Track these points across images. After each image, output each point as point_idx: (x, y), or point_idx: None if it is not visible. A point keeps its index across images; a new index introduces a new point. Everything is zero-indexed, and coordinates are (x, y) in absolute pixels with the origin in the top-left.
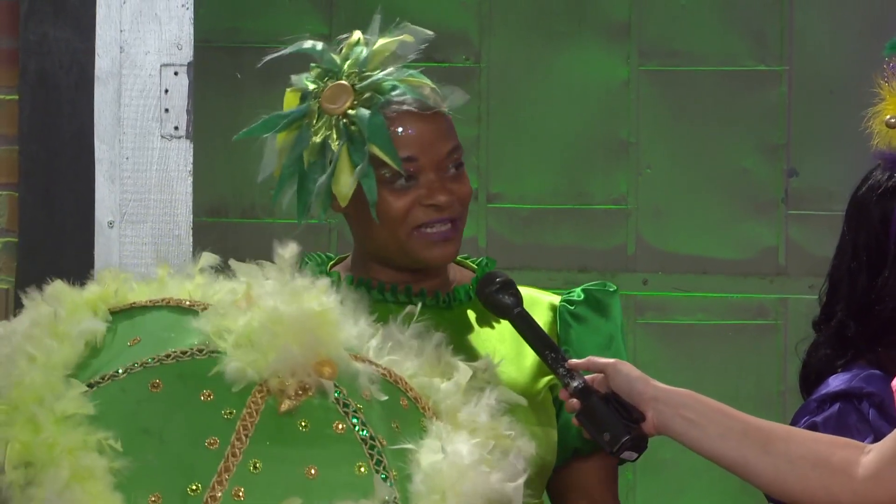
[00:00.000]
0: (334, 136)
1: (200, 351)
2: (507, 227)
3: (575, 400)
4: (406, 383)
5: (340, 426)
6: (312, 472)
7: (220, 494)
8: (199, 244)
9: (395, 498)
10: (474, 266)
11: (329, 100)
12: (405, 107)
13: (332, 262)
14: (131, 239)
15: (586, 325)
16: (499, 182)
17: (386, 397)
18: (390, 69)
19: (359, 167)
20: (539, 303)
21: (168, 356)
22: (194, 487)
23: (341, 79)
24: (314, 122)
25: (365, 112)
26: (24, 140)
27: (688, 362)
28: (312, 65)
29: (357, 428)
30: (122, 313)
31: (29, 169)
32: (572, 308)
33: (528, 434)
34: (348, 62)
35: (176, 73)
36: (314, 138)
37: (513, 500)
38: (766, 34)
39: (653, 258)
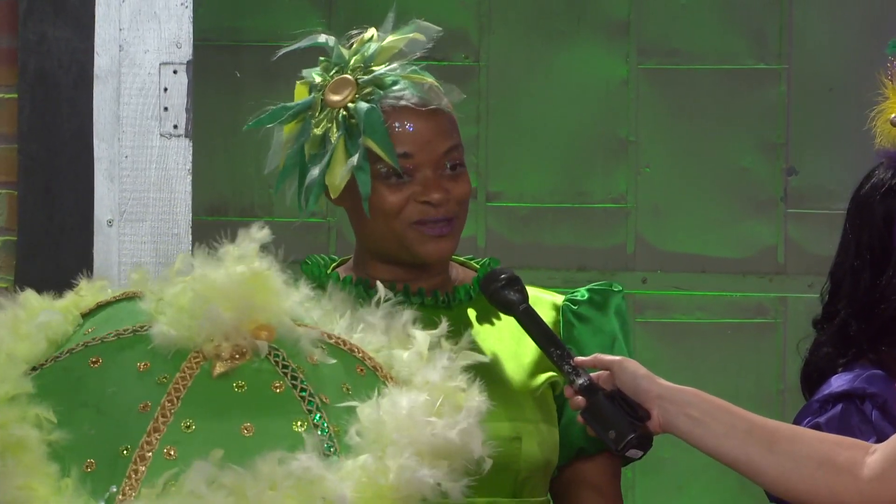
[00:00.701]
0: (335, 128)
1: (142, 328)
2: (507, 226)
3: (580, 397)
4: (364, 352)
5: (278, 385)
6: (247, 429)
7: (149, 454)
8: (199, 243)
9: (334, 450)
10: (477, 266)
11: (332, 92)
12: (403, 102)
13: (334, 264)
14: (130, 237)
15: (589, 324)
16: (498, 181)
17: (334, 361)
18: (394, 65)
19: (352, 159)
20: (542, 302)
21: (110, 334)
22: (124, 449)
23: (347, 72)
24: (317, 114)
25: (363, 105)
26: (24, 139)
27: (687, 361)
28: (322, 58)
29: (296, 387)
30: (89, 314)
31: (28, 167)
32: (576, 308)
33: (531, 441)
34: (356, 57)
35: (175, 72)
36: (315, 130)
37: (461, 447)
38: (766, 33)
39: (652, 257)
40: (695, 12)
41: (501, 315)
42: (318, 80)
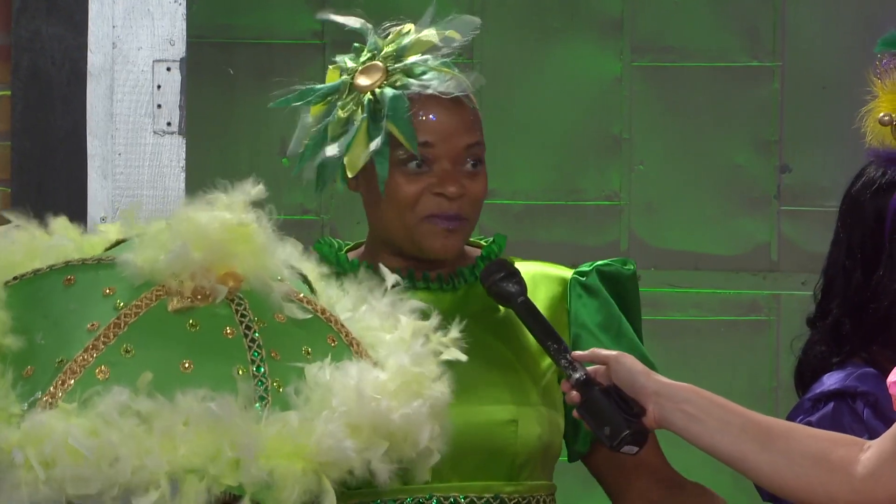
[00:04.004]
0: (359, 111)
1: None
2: (500, 224)
3: (575, 392)
4: (343, 326)
5: (230, 331)
6: (186, 365)
7: (81, 369)
8: None
9: (266, 403)
10: (483, 244)
11: (361, 76)
12: (430, 91)
13: (347, 248)
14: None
15: (595, 298)
16: (491, 178)
17: (304, 317)
18: (425, 56)
19: (373, 142)
20: (550, 277)
21: (92, 258)
22: (60, 360)
23: (379, 60)
24: (344, 96)
25: (389, 91)
26: (17, 136)
27: (680, 358)
28: (356, 45)
29: (247, 336)
30: (110, 248)
31: (21, 165)
32: (583, 279)
33: (531, 426)
34: (390, 46)
35: (168, 69)
36: (340, 112)
37: (402, 432)
38: (759, 30)
39: (645, 254)
40: (688, 9)
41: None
42: (350, 64)
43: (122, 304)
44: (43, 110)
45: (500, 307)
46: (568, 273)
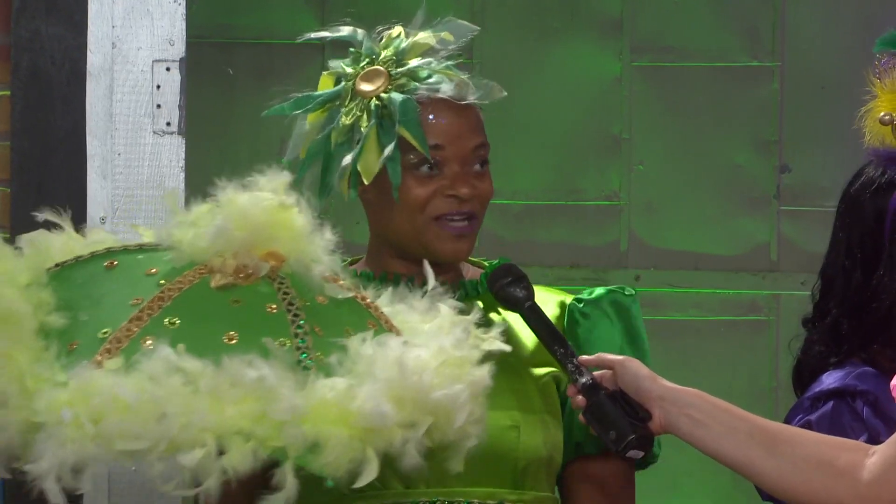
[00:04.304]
0: (364, 117)
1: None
2: (500, 224)
3: (581, 397)
4: (383, 314)
5: (273, 307)
6: (230, 337)
7: (126, 338)
8: None
9: (311, 370)
10: (486, 265)
11: (364, 82)
12: (440, 95)
13: (346, 263)
14: (123, 235)
15: (594, 325)
16: (492, 178)
17: (345, 296)
18: (428, 59)
19: (387, 148)
20: (549, 300)
21: (133, 244)
22: (104, 331)
23: (378, 64)
24: (346, 103)
25: (398, 95)
26: (16, 136)
27: (680, 358)
28: (351, 49)
29: (290, 311)
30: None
31: (21, 165)
32: (581, 306)
33: (535, 430)
34: (387, 50)
35: (168, 69)
36: (344, 119)
37: (441, 409)
38: (759, 30)
39: (645, 254)
40: (688, 9)
41: (505, 310)
42: (348, 70)
43: (165, 281)
44: (42, 110)
45: (501, 318)
46: (567, 298)
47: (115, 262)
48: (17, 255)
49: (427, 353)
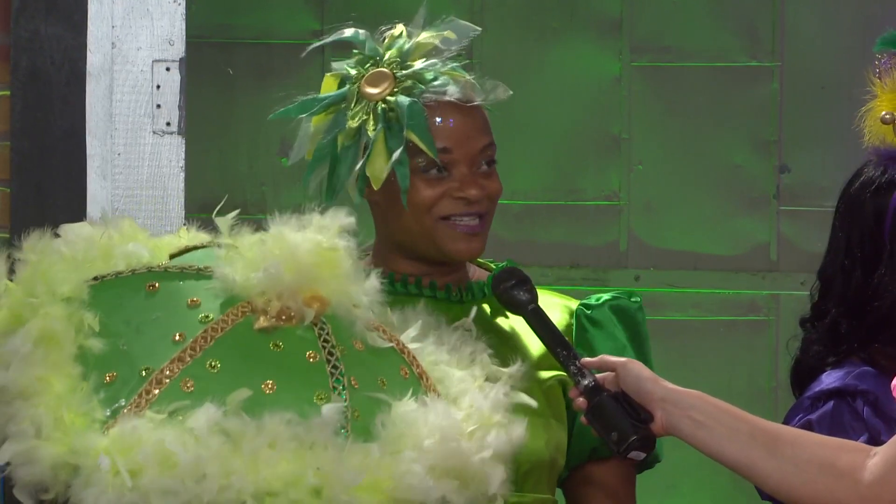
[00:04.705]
0: (371, 121)
1: (207, 269)
2: (499, 224)
3: (582, 399)
4: (415, 359)
5: (313, 355)
6: (269, 385)
7: (167, 380)
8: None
9: (345, 431)
10: (493, 267)
11: (369, 85)
12: (445, 98)
13: None
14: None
15: (602, 330)
16: None
17: (383, 346)
18: (433, 61)
19: (395, 153)
20: (556, 306)
21: (175, 266)
22: (145, 368)
23: (382, 66)
24: (352, 106)
25: (405, 99)
26: (16, 136)
27: (680, 358)
28: (354, 51)
29: (329, 362)
30: (178, 254)
31: (21, 165)
32: (589, 312)
33: (538, 433)
34: (391, 51)
35: (168, 69)
36: (350, 122)
37: (478, 476)
38: (758, 30)
39: (645, 254)
40: (687, 9)
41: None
42: (353, 72)
43: (207, 317)
44: (42, 110)
45: (503, 324)
46: (574, 304)
47: (157, 286)
48: (57, 254)
49: (462, 415)
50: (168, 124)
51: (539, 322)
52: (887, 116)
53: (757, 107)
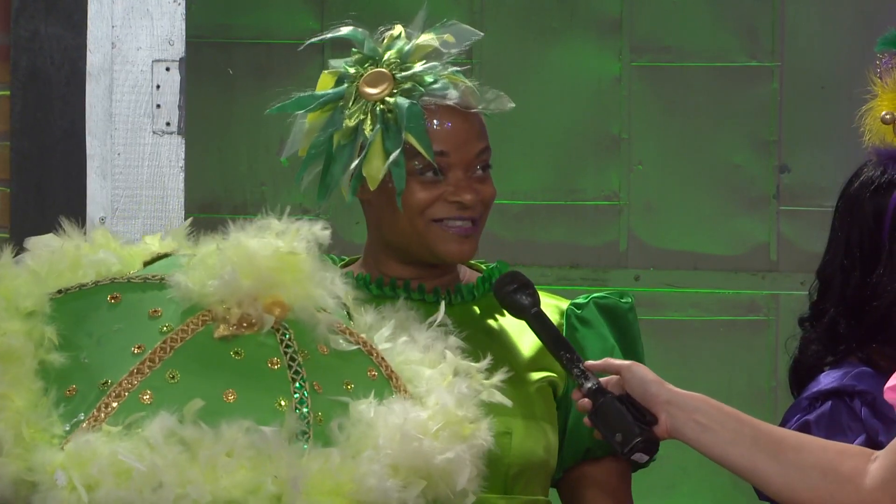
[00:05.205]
0: (369, 121)
1: (170, 277)
2: (499, 224)
3: (587, 400)
4: (384, 359)
5: (275, 362)
6: (230, 395)
7: (125, 393)
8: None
9: (307, 436)
10: (483, 268)
11: (368, 85)
12: (447, 101)
13: (342, 264)
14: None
15: (591, 330)
16: None
17: (349, 349)
18: (433, 63)
19: (393, 154)
20: (547, 306)
21: (138, 276)
22: (104, 382)
23: (381, 66)
24: (349, 105)
25: (404, 101)
26: (16, 136)
27: (680, 358)
28: (353, 50)
29: (291, 368)
30: (150, 262)
31: (20, 165)
32: (579, 312)
33: (528, 435)
34: (390, 52)
35: (168, 69)
36: (347, 121)
37: (442, 474)
38: (758, 30)
39: (645, 254)
40: (687, 9)
41: (502, 314)
42: (351, 71)
43: (167, 327)
44: (42, 110)
45: (494, 323)
46: (564, 303)
47: (119, 297)
48: (21, 268)
49: (427, 414)
50: (168, 124)
51: (541, 326)
52: (887, 116)
53: (757, 107)
